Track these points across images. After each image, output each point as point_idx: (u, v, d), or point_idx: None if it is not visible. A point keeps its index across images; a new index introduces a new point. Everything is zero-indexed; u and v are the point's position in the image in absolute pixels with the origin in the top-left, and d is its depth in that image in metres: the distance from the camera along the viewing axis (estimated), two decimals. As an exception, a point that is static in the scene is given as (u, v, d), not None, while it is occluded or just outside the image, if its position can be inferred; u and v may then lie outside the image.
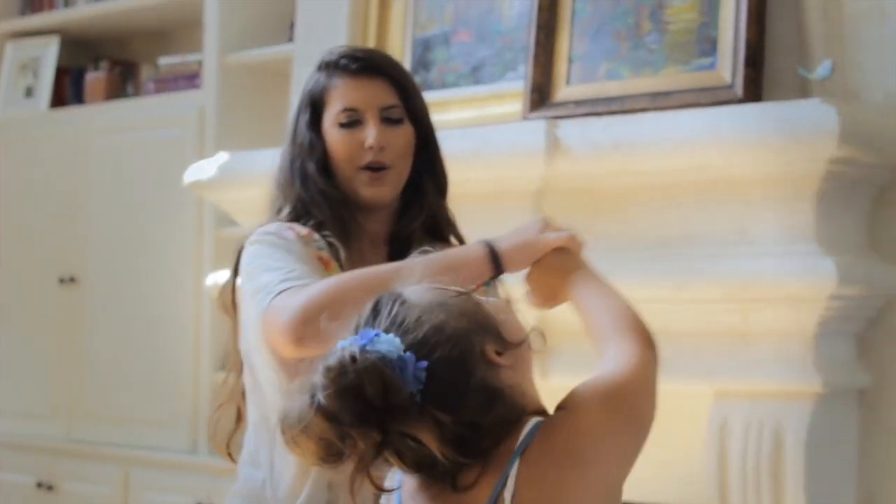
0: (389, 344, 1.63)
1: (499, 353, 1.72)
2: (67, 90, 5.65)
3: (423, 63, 4.04)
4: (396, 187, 2.40)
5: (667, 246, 3.37)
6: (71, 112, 5.51)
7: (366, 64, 2.40)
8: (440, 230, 2.47)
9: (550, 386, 3.51)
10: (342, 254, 2.33)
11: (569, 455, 1.69)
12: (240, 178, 4.10)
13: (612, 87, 3.58)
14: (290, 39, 4.51)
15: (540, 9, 3.71)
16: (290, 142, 2.43)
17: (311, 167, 2.40)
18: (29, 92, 5.60)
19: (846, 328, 3.31)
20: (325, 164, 2.40)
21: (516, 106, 3.74)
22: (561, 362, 3.54)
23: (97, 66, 5.56)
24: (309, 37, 4.32)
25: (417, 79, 3.94)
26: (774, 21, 3.46)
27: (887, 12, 3.37)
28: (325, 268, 2.30)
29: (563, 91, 3.66)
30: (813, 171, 3.16)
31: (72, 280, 5.41)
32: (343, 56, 2.41)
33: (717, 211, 3.31)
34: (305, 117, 2.43)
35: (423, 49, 4.05)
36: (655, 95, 3.49)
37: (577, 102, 3.61)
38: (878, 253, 3.35)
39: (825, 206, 3.21)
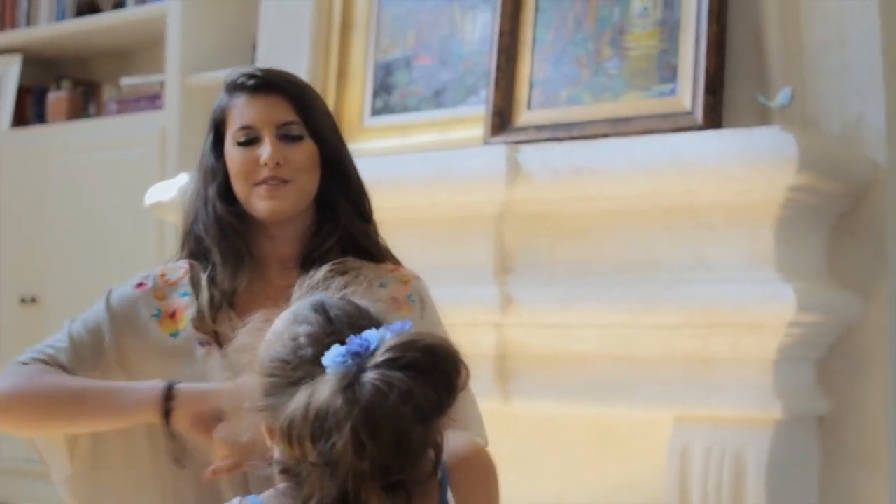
0: None
1: None
2: (29, 109, 5.63)
3: (384, 87, 4.04)
4: (297, 202, 2.34)
5: (628, 271, 3.38)
6: (33, 131, 5.48)
7: (262, 81, 2.35)
8: (363, 250, 2.42)
9: (513, 410, 3.53)
10: (229, 286, 2.30)
11: None
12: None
13: (574, 113, 3.58)
14: (253, 61, 4.50)
15: (501, 34, 3.71)
16: (198, 167, 2.41)
17: (212, 191, 2.37)
18: (-9, 111, 5.57)
19: (806, 354, 3.32)
20: (226, 186, 2.36)
21: (478, 130, 3.74)
22: (523, 388, 3.54)
23: (59, 86, 5.54)
24: (271, 59, 4.31)
25: (379, 102, 3.94)
26: (734, 48, 3.47)
27: (846, 40, 3.38)
28: (171, 318, 2.32)
29: (525, 116, 3.66)
30: (772, 198, 3.16)
31: (33, 300, 5.38)
32: (242, 74, 2.37)
33: (677, 237, 3.31)
34: (209, 140, 2.40)
35: (385, 73, 4.05)
36: (616, 121, 3.49)
37: (539, 127, 3.61)
38: (838, 280, 3.36)
39: (785, 233, 3.21)
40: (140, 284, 2.38)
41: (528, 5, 3.71)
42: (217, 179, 2.37)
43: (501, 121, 3.68)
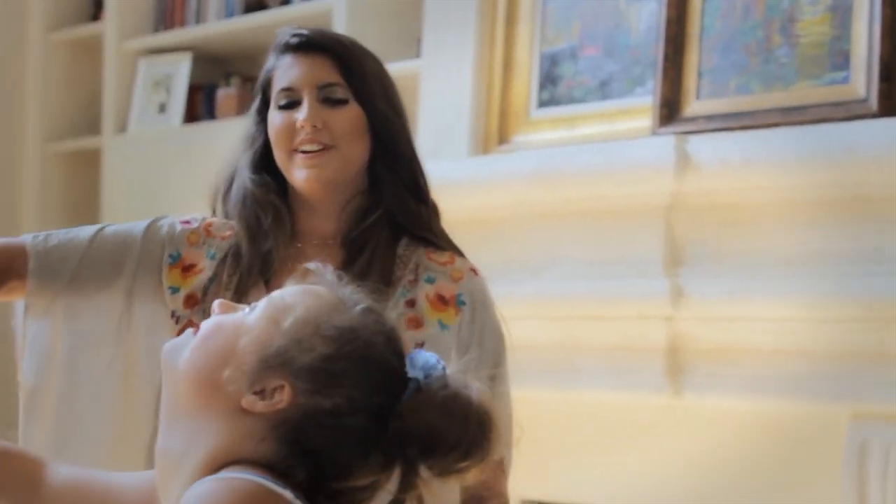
0: None
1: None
2: (200, 106, 5.70)
3: (550, 78, 4.01)
4: (339, 172, 2.15)
5: (800, 264, 3.30)
6: (203, 128, 5.55)
7: (306, 40, 2.18)
8: (416, 231, 2.21)
9: (684, 405, 3.48)
10: (253, 260, 2.12)
11: None
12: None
13: (743, 102, 3.52)
14: (418, 55, 4.50)
15: (668, 22, 3.65)
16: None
17: (245, 159, 2.21)
18: (162, 108, 5.66)
19: None
20: (263, 154, 2.20)
21: (645, 121, 3.69)
22: (695, 382, 3.49)
23: (228, 83, 5.61)
24: (436, 52, 4.31)
25: (545, 94, 3.91)
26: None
27: None
28: (183, 270, 2.16)
29: (693, 106, 3.61)
30: (952, 188, 3.07)
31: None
32: (290, 34, 2.20)
33: (851, 228, 3.23)
34: (255, 105, 2.25)
35: (551, 64, 4.01)
36: (787, 110, 3.42)
37: (707, 117, 3.55)
38: None
39: (965, 223, 3.12)
40: (185, 222, 2.23)
41: (696, -7, 3.66)
42: (254, 146, 2.21)
43: (669, 111, 3.63)
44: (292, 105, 2.16)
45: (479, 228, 3.80)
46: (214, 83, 5.67)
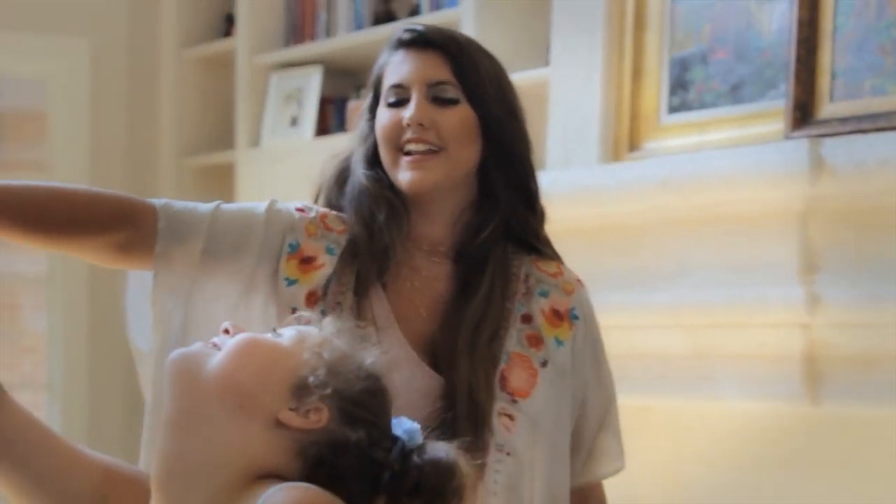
0: None
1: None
2: (331, 119, 5.73)
3: (680, 83, 3.95)
4: (445, 176, 2.08)
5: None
6: (335, 140, 5.58)
7: (419, 36, 2.12)
8: (524, 241, 2.15)
9: (821, 413, 3.41)
10: (373, 260, 2.05)
11: None
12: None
13: (878, 104, 3.43)
14: (546, 63, 4.47)
15: (800, 24, 3.58)
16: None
17: (357, 155, 2.14)
18: (294, 121, 5.70)
19: None
20: (374, 152, 2.13)
21: (778, 125, 3.62)
22: (833, 390, 3.42)
23: (358, 95, 5.63)
24: (565, 59, 4.28)
25: (675, 100, 3.87)
26: None
27: None
28: (302, 262, 2.07)
29: (827, 108, 3.53)
30: None
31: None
32: (404, 29, 2.15)
33: None
34: (367, 101, 2.19)
35: (681, 69, 3.96)
36: (924, 111, 3.34)
37: (842, 120, 3.48)
38: None
39: None
40: (301, 210, 2.15)
41: (827, -7, 3.59)
42: (366, 143, 2.15)
43: (803, 114, 3.56)
44: (401, 103, 2.11)
45: (610, 236, 3.77)
46: (345, 95, 5.70)
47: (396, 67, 2.12)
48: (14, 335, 6.85)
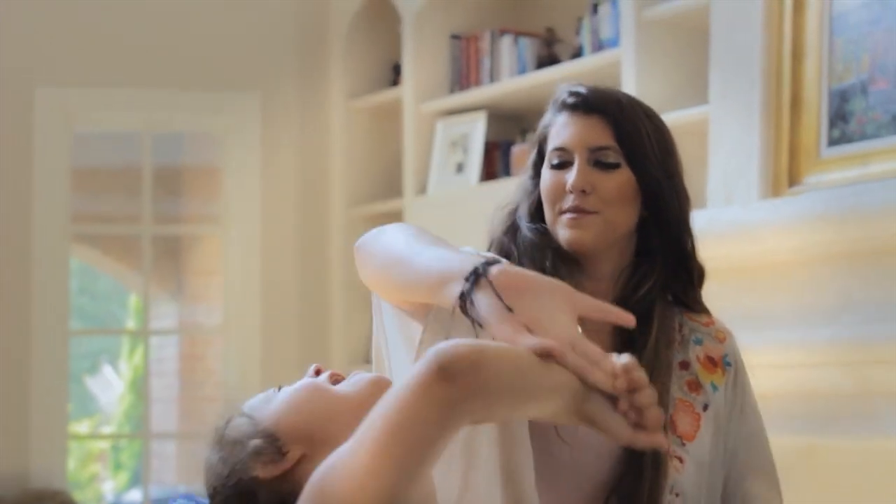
0: None
1: None
2: (497, 163, 5.74)
3: (840, 115, 3.87)
4: (601, 235, 2.14)
5: None
6: (500, 185, 5.58)
7: (583, 100, 2.17)
8: (682, 301, 2.22)
9: None
10: None
11: None
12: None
13: None
14: (706, 100, 4.43)
15: (960, 49, 3.49)
16: (519, 183, 2.27)
17: (523, 209, 2.22)
18: (459, 168, 5.72)
19: None
20: (538, 207, 2.20)
21: (942, 154, 3.53)
22: None
23: (524, 139, 5.63)
24: (724, 95, 4.23)
25: (835, 132, 3.78)
26: None
27: None
28: None
29: None
30: None
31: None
32: (568, 92, 2.20)
33: None
34: (532, 157, 2.25)
35: (840, 100, 3.88)
36: None
37: None
38: None
39: None
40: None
41: None
42: (530, 199, 2.22)
43: (967, 143, 3.46)
44: (564, 165, 2.16)
45: (770, 273, 3.71)
46: (510, 140, 5.71)
47: (560, 130, 2.18)
48: (195, 385, 7.00)
